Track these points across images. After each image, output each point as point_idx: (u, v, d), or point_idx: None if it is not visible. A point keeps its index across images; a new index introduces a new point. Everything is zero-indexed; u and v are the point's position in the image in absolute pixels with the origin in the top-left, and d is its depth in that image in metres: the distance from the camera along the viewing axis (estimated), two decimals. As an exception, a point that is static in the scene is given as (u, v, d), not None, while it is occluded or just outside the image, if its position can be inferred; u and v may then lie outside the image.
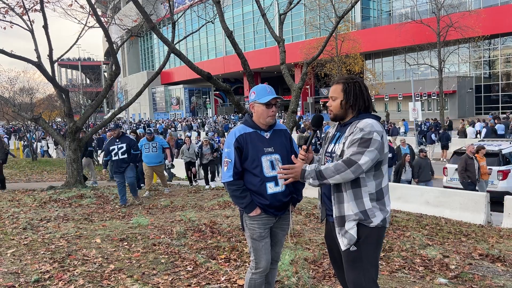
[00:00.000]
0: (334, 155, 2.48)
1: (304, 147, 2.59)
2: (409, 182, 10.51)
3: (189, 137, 12.54)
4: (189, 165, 11.85)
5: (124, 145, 8.14)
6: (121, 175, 8.19)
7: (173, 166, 11.16)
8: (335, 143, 2.53)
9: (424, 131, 21.00)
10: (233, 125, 35.96)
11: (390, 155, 11.83)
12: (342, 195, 2.42)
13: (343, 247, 2.43)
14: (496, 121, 20.56)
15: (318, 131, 2.77)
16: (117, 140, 8.19)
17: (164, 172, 10.71)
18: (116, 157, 8.12)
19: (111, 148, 8.20)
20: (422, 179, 10.36)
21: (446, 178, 10.93)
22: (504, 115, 25.83)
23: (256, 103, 2.77)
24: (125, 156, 8.11)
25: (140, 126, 39.06)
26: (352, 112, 2.49)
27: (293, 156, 2.61)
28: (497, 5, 35.42)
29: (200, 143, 11.98)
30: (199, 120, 48.00)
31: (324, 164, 2.57)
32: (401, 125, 26.82)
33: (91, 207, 7.64)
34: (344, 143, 2.41)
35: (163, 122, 48.27)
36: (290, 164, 2.49)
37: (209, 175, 11.79)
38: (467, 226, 7.25)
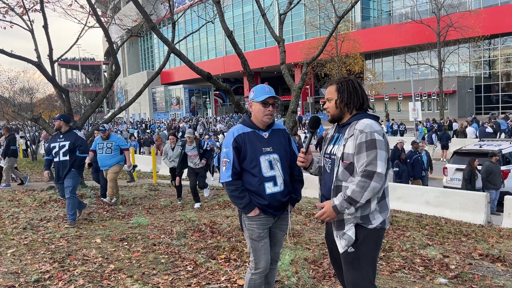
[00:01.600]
0: (334, 156, 2.47)
1: (303, 149, 2.60)
2: (482, 190, 9.19)
3: (174, 134, 9.72)
4: (174, 172, 8.71)
5: (67, 143, 6.18)
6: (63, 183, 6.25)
7: (134, 167, 8.29)
8: (334, 144, 2.53)
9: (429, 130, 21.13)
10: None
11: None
12: None
13: (341, 249, 2.43)
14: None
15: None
16: (61, 136, 6.28)
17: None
18: (57, 159, 6.18)
19: (51, 145, 6.32)
20: (492, 186, 9.17)
21: (446, 178, 10.93)
22: (504, 115, 25.85)
23: (254, 101, 2.78)
24: (67, 158, 6.14)
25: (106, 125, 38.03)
26: (348, 111, 2.49)
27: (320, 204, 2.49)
28: (497, 5, 35.43)
29: (183, 140, 8.56)
30: (190, 122, 44.28)
31: (324, 165, 2.57)
32: (384, 125, 26.77)
33: (91, 207, 7.64)
34: (344, 145, 2.40)
35: (161, 122, 48.20)
36: (320, 211, 2.42)
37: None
38: (467, 226, 7.25)
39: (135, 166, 8.52)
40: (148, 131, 35.60)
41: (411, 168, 10.44)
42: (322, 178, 2.60)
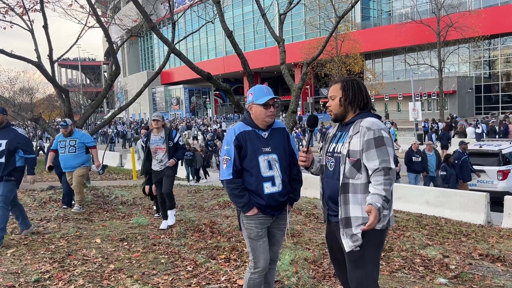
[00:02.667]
0: (338, 154, 2.47)
1: (304, 148, 2.60)
2: None
3: (147, 128, 7.89)
4: (149, 179, 6.23)
5: (3, 142, 4.94)
6: None
7: (105, 167, 6.80)
8: (337, 142, 2.53)
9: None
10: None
11: (419, 158, 10.56)
12: (349, 196, 2.42)
13: (347, 249, 2.42)
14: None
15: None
16: None
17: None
18: None
19: None
20: None
21: (446, 178, 10.92)
22: (504, 115, 25.84)
23: (254, 104, 2.77)
24: (2, 160, 4.90)
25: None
26: (352, 110, 2.50)
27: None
28: (497, 5, 35.43)
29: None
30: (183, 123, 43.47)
31: (325, 164, 2.57)
32: None
33: (91, 207, 7.63)
34: (349, 142, 2.41)
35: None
36: (371, 218, 2.28)
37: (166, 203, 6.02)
38: (467, 226, 7.26)
39: (105, 166, 7.17)
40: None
41: (459, 170, 10.06)
42: (324, 177, 2.60)
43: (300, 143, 24.21)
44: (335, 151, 2.51)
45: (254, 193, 2.73)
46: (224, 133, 24.25)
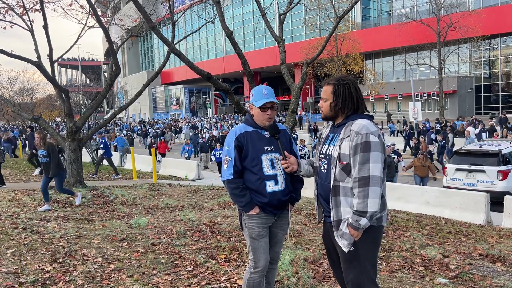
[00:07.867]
0: (330, 157, 2.48)
1: (281, 156, 2.68)
2: None
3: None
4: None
5: None
6: None
7: None
8: (329, 144, 2.53)
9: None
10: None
11: None
12: (340, 199, 2.41)
13: (345, 249, 2.41)
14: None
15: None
16: None
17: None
18: None
19: None
20: None
21: (446, 178, 10.92)
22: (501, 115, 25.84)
23: (253, 105, 2.79)
24: None
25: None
26: (342, 114, 2.50)
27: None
28: (497, 5, 35.45)
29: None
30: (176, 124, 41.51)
31: (319, 165, 2.58)
32: None
33: (91, 207, 7.64)
34: (340, 145, 2.41)
35: (162, 123, 48.07)
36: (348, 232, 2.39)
37: None
38: (467, 226, 7.25)
39: None
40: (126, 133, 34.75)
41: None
42: (318, 178, 2.61)
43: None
44: (327, 153, 2.51)
45: (256, 191, 2.74)
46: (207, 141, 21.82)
